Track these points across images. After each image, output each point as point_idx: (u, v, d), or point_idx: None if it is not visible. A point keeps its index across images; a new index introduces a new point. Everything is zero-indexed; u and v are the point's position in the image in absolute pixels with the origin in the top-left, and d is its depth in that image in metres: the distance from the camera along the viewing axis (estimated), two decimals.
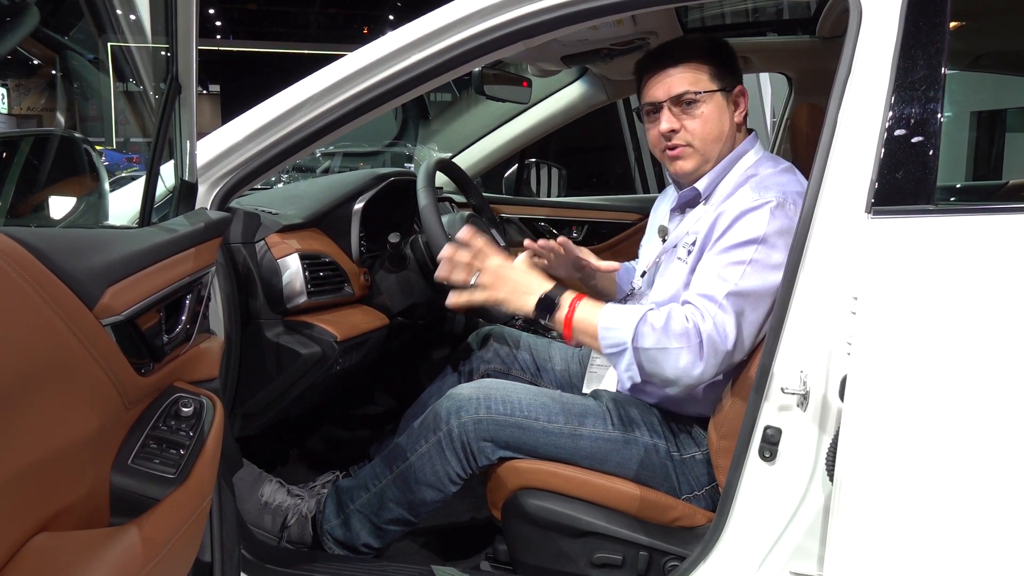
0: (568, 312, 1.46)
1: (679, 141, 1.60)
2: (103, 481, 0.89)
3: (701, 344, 1.39)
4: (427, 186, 1.84)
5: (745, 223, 1.45)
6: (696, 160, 1.61)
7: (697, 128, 1.58)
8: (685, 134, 1.59)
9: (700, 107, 1.58)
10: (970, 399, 1.17)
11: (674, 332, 1.40)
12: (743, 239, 1.44)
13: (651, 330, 1.41)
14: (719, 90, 1.58)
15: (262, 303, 1.61)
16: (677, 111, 1.59)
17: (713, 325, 1.39)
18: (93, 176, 1.30)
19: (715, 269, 1.45)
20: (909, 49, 1.26)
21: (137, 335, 0.95)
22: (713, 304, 1.41)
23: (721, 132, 1.60)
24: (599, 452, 1.58)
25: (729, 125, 1.61)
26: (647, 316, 1.42)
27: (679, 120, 1.59)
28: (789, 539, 1.35)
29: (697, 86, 1.57)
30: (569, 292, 1.49)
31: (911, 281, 1.20)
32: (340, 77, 1.50)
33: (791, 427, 1.33)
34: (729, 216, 1.48)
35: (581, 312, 1.46)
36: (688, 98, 1.57)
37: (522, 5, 1.44)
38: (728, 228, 1.47)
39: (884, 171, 1.25)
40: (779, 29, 2.45)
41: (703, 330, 1.39)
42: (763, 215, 1.44)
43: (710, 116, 1.58)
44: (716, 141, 1.60)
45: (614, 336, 1.43)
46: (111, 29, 1.47)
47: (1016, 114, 6.79)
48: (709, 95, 1.58)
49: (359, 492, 1.69)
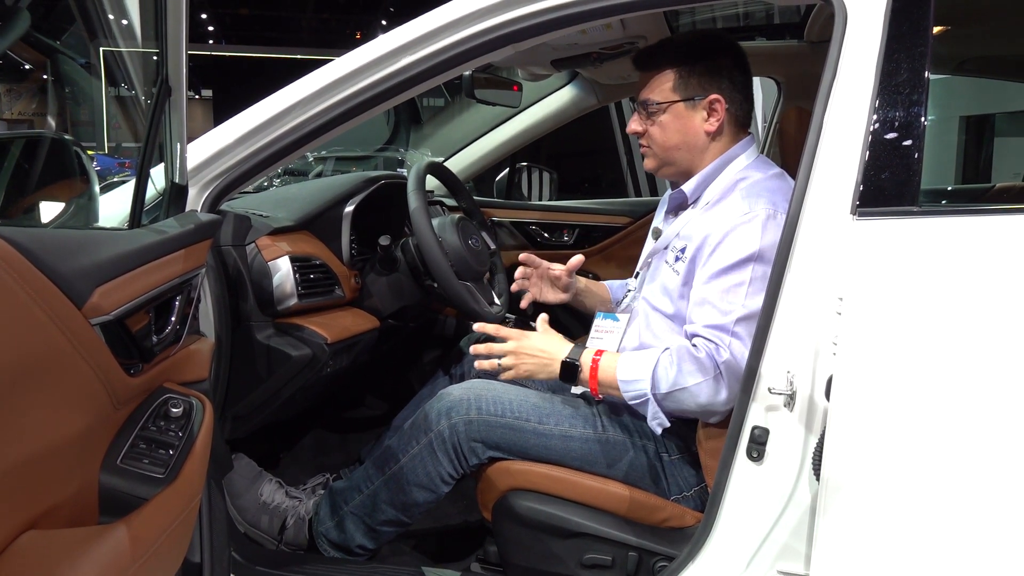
0: (591, 373, 1.53)
1: (643, 142, 1.68)
2: (92, 480, 0.89)
3: (720, 375, 1.43)
4: (417, 189, 1.85)
5: (737, 239, 1.46)
6: (656, 161, 1.67)
7: (656, 134, 1.63)
8: (647, 137, 1.65)
9: (659, 115, 1.62)
10: (954, 398, 1.18)
11: (688, 371, 1.44)
12: (739, 257, 1.45)
13: (666, 374, 1.45)
14: (681, 100, 1.60)
15: (252, 305, 1.62)
16: (644, 114, 1.64)
17: (731, 354, 1.43)
18: (83, 178, 1.31)
19: (718, 294, 1.47)
20: (893, 53, 1.27)
21: (126, 335, 0.95)
22: (726, 334, 1.44)
23: (683, 141, 1.62)
24: (589, 454, 1.59)
25: (695, 134, 1.61)
26: (660, 361, 1.47)
27: (643, 124, 1.65)
28: (776, 538, 1.36)
29: (657, 95, 1.61)
30: (588, 351, 1.55)
31: (895, 281, 1.21)
32: (331, 80, 1.50)
33: (778, 427, 1.34)
34: (720, 232, 1.49)
35: (603, 370, 1.52)
36: (648, 107, 1.62)
37: (511, 9, 1.45)
38: (720, 244, 1.48)
39: (869, 173, 1.26)
40: (768, 34, 2.47)
41: (720, 360, 1.43)
42: (755, 229, 1.46)
43: (668, 125, 1.61)
44: (676, 149, 1.63)
45: (635, 389, 1.48)
46: (102, 34, 1.47)
47: (1005, 118, 6.84)
48: (668, 105, 1.60)
49: (352, 494, 1.69)
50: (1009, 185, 2.72)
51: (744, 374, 1.36)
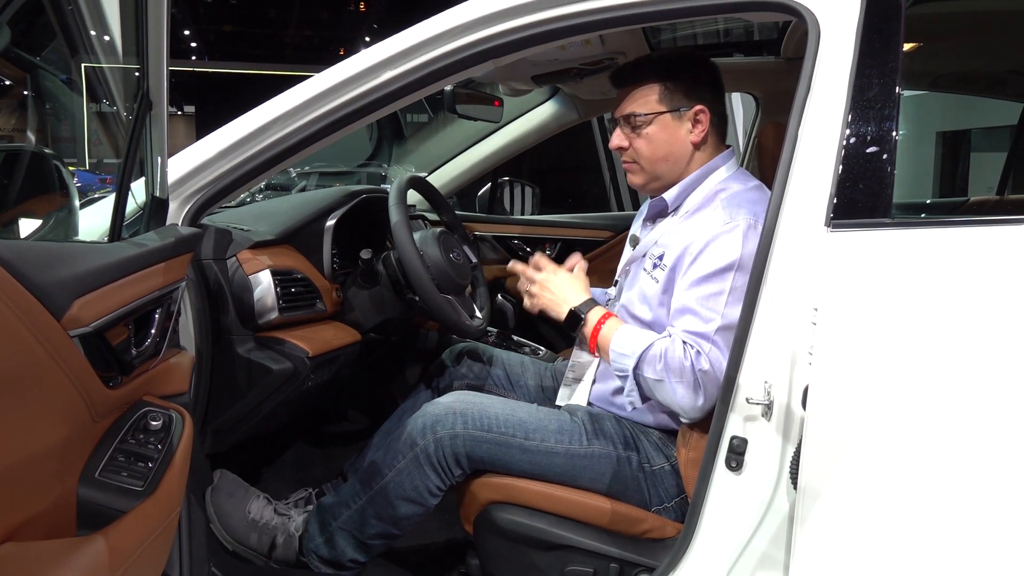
0: (594, 329, 1.58)
1: (627, 158, 1.68)
2: (70, 493, 0.89)
3: (697, 381, 1.45)
4: (399, 203, 1.86)
5: (719, 248, 1.49)
6: (643, 176, 1.68)
7: (642, 147, 1.64)
8: (632, 151, 1.66)
9: (645, 128, 1.63)
10: (928, 406, 1.20)
11: (672, 367, 1.46)
12: (720, 266, 1.47)
13: (655, 361, 1.48)
14: (668, 111, 1.62)
15: (233, 319, 1.62)
16: (627, 129, 1.65)
17: (709, 363, 1.44)
18: (63, 192, 1.31)
19: (699, 301, 1.48)
20: (865, 69, 1.30)
21: (106, 348, 0.95)
22: (707, 342, 1.46)
23: (670, 152, 1.64)
24: (573, 468, 1.59)
25: (681, 145, 1.64)
26: (654, 345, 1.49)
27: (628, 138, 1.65)
28: (756, 547, 1.37)
29: (643, 107, 1.62)
30: (599, 309, 1.61)
31: (868, 292, 1.23)
32: (312, 94, 1.51)
33: (757, 437, 1.36)
34: (702, 240, 1.51)
35: (605, 331, 1.57)
36: (634, 121, 1.63)
37: (491, 25, 1.46)
38: (701, 252, 1.50)
39: (842, 186, 1.28)
40: (746, 51, 2.50)
41: (699, 367, 1.44)
42: (736, 238, 1.48)
43: (655, 136, 1.63)
44: (663, 161, 1.64)
45: (622, 362, 1.52)
46: (84, 49, 1.47)
47: (980, 134, 6.95)
48: (655, 116, 1.62)
49: (341, 510, 1.68)
50: (983, 199, 2.76)
51: (722, 384, 1.37)
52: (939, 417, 1.19)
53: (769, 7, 1.39)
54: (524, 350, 2.31)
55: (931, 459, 1.20)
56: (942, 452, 1.20)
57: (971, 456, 1.18)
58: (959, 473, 1.19)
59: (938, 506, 1.20)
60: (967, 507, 1.19)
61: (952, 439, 1.19)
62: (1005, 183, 2.75)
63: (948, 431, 1.19)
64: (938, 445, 1.20)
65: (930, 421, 1.20)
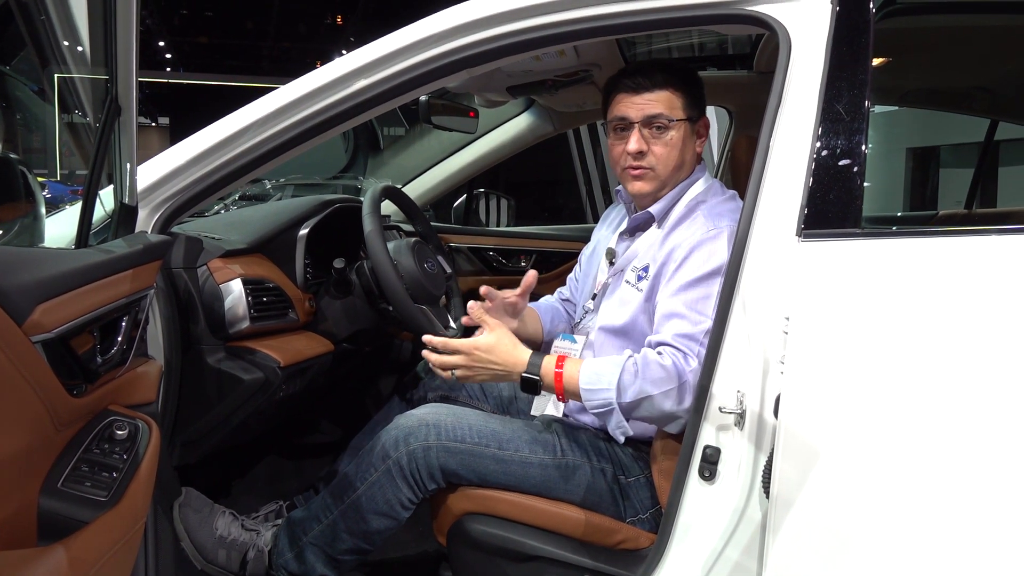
0: (555, 379, 1.50)
1: (644, 163, 1.63)
2: (30, 503, 0.87)
3: (687, 383, 1.43)
4: (373, 212, 1.85)
5: (704, 253, 1.50)
6: (655, 184, 1.64)
7: (663, 153, 1.62)
8: (651, 157, 1.62)
9: (670, 133, 1.61)
10: (898, 415, 1.21)
11: (653, 378, 1.43)
12: (706, 271, 1.48)
13: (631, 382, 1.44)
14: (687, 119, 1.63)
15: (203, 328, 1.60)
16: (647, 133, 1.61)
17: (699, 363, 1.43)
18: (29, 199, 1.28)
19: (686, 305, 1.48)
20: (835, 81, 1.32)
21: (70, 355, 0.94)
22: (695, 343, 1.45)
23: (683, 160, 1.64)
24: (548, 479, 1.58)
25: (691, 154, 1.66)
26: (626, 368, 1.45)
27: (647, 143, 1.62)
28: (728, 557, 1.37)
29: (672, 112, 1.61)
30: (549, 359, 1.52)
31: (839, 301, 1.24)
32: (285, 102, 1.50)
33: (729, 446, 1.36)
34: (686, 247, 1.52)
35: (567, 377, 1.49)
36: (661, 122, 1.60)
37: (465, 35, 1.47)
38: (686, 258, 1.51)
39: (813, 196, 1.29)
40: (720, 64, 2.53)
41: (689, 369, 1.43)
42: (721, 244, 1.49)
43: (676, 143, 1.62)
44: (677, 168, 1.64)
45: (599, 398, 1.46)
46: (53, 59, 1.45)
47: (949, 150, 7.08)
48: (680, 123, 1.62)
49: (311, 524, 1.66)
50: (952, 212, 2.81)
51: (696, 393, 1.37)
52: (910, 425, 1.20)
53: (741, 20, 1.41)
54: None
55: (903, 467, 1.21)
56: (914, 460, 1.20)
57: (943, 462, 1.19)
58: (931, 480, 1.20)
59: (909, 514, 1.21)
60: (939, 514, 1.20)
61: (923, 446, 1.20)
62: (973, 197, 2.80)
63: (919, 439, 1.20)
64: (910, 453, 1.21)
65: (901, 430, 1.21)
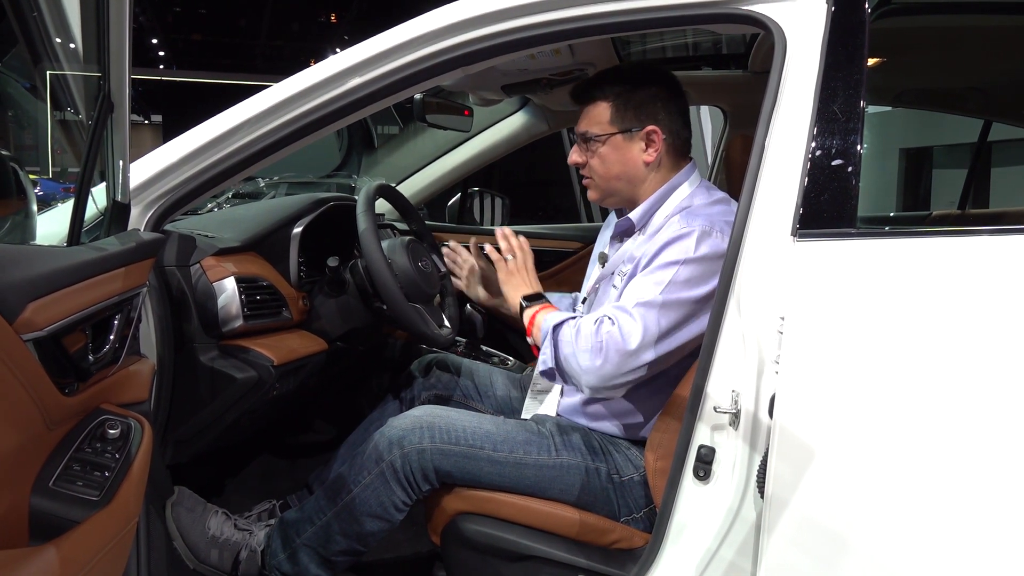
0: (530, 320, 1.64)
1: (584, 173, 1.73)
2: (22, 503, 0.86)
3: (601, 344, 1.47)
4: (367, 210, 1.84)
5: (671, 249, 1.52)
6: (599, 192, 1.73)
7: (596, 166, 1.69)
8: (588, 168, 1.71)
9: (598, 147, 1.67)
10: (893, 414, 1.21)
11: (583, 335, 1.50)
12: (666, 261, 1.51)
13: (570, 332, 1.53)
14: (619, 132, 1.64)
15: (196, 327, 1.59)
16: (584, 146, 1.70)
17: (618, 328, 1.47)
18: (20, 196, 1.27)
19: (636, 286, 1.52)
20: (830, 81, 1.32)
21: (61, 353, 0.93)
22: (623, 313, 1.49)
23: (623, 171, 1.67)
24: (542, 480, 1.58)
25: (634, 165, 1.66)
26: (570, 322, 1.56)
27: (584, 155, 1.70)
28: (723, 557, 1.37)
29: (595, 128, 1.66)
30: (540, 301, 1.67)
31: (834, 301, 1.24)
32: (278, 100, 1.49)
33: (724, 446, 1.36)
34: (656, 245, 1.54)
35: (536, 323, 1.62)
36: (588, 139, 1.67)
37: (460, 33, 1.46)
38: (655, 255, 1.53)
39: (808, 196, 1.29)
40: (714, 64, 2.53)
41: (604, 331, 1.48)
42: (689, 242, 1.51)
43: (607, 156, 1.66)
44: (617, 179, 1.68)
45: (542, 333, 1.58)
46: (46, 56, 1.44)
47: (943, 151, 7.11)
48: (607, 137, 1.65)
49: (305, 525, 1.65)
50: (945, 212, 2.81)
51: (691, 393, 1.37)
52: (905, 425, 1.20)
53: (736, 19, 1.41)
54: (493, 360, 2.30)
55: (897, 467, 1.21)
56: (908, 459, 1.21)
57: (938, 461, 1.19)
58: (925, 479, 1.20)
59: (904, 514, 1.21)
60: (933, 513, 1.20)
61: (918, 446, 1.20)
62: (966, 198, 2.81)
63: (914, 438, 1.20)
64: (904, 453, 1.21)
65: (896, 429, 1.21)
